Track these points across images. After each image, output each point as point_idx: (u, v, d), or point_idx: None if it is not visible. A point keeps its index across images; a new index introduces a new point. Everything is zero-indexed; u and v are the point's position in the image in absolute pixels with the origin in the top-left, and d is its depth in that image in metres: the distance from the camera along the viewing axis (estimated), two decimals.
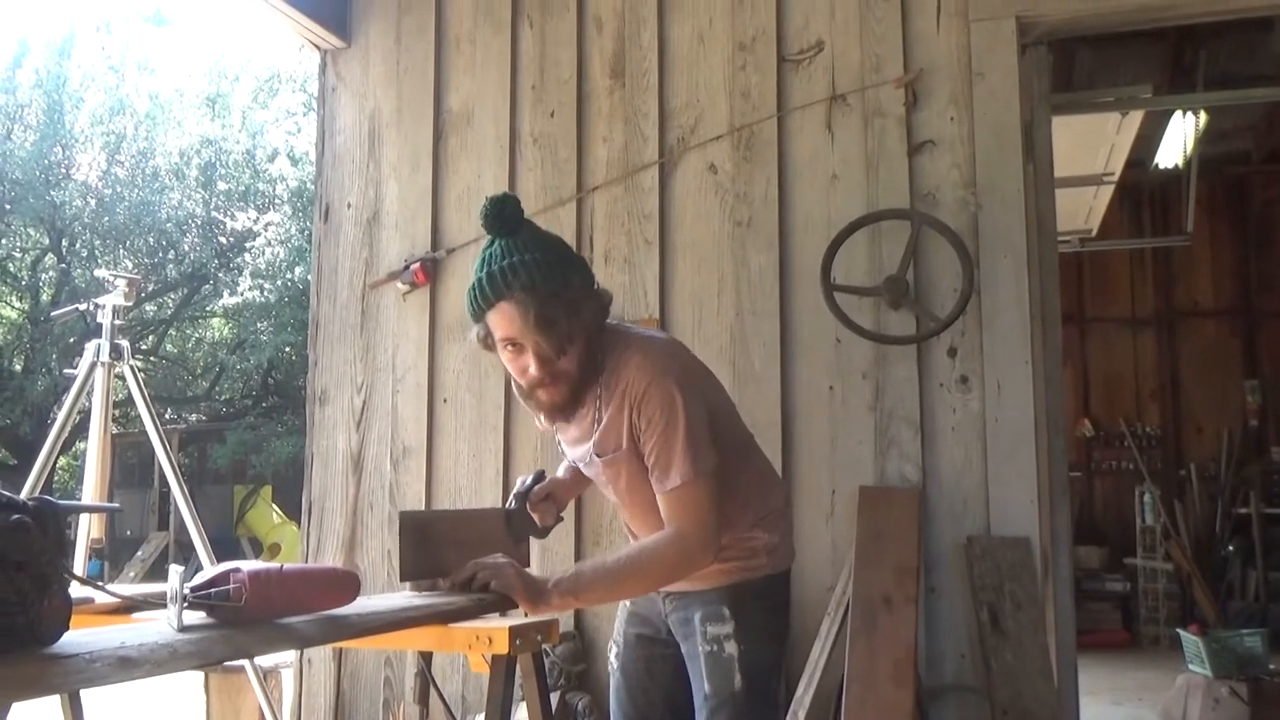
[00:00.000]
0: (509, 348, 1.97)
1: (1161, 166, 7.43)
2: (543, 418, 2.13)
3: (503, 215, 1.94)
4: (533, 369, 1.96)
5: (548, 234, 2.02)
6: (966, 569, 3.37)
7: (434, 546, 1.97)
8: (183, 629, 1.29)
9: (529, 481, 2.23)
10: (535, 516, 2.22)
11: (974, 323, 3.50)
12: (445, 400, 4.08)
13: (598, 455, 2.10)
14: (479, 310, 1.96)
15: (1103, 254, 8.61)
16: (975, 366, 3.49)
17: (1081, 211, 6.72)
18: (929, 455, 3.50)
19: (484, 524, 2.16)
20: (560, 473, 2.39)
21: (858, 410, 3.58)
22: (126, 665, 1.12)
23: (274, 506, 16.75)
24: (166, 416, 19.75)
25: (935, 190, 3.60)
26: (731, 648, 2.11)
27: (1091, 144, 5.40)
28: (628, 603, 2.37)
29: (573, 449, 2.19)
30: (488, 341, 2.00)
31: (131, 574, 14.38)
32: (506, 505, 2.19)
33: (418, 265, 4.11)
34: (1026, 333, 3.45)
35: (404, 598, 1.87)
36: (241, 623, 1.36)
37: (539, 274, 1.89)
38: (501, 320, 1.93)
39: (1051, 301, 3.57)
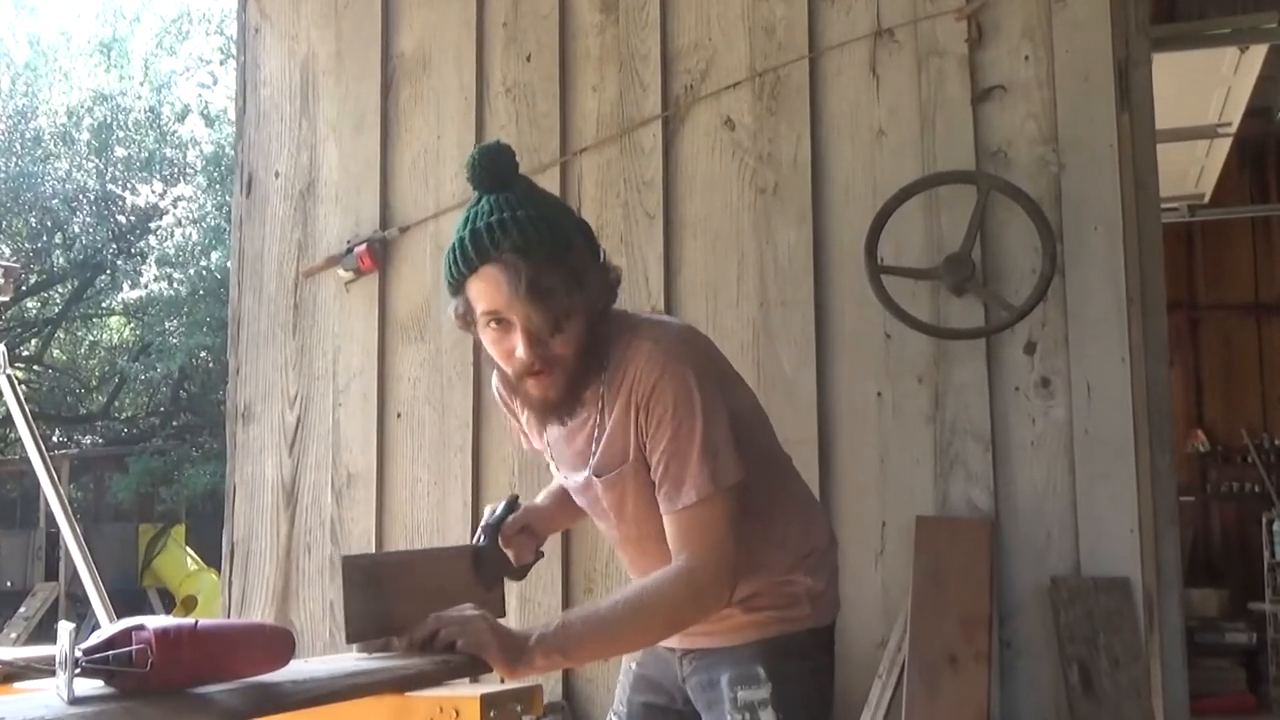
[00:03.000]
0: (493, 324, 1.94)
1: None
2: (532, 422, 2.13)
3: (494, 168, 1.95)
4: (521, 350, 1.92)
5: (547, 192, 2.03)
6: (1051, 618, 3.36)
7: (386, 597, 1.97)
8: (75, 701, 1.29)
9: (500, 511, 2.22)
10: (509, 554, 2.22)
11: (1057, 311, 3.50)
12: (399, 415, 4.09)
13: (597, 476, 2.08)
14: (459, 276, 1.94)
15: (1218, 224, 8.60)
16: (1059, 366, 3.49)
17: (1191, 172, 6.72)
18: (1002, 477, 3.50)
19: (447, 566, 2.16)
20: (540, 499, 2.38)
21: (913, 422, 3.58)
22: None
23: (188, 550, 16.76)
24: (54, 439, 19.78)
25: (1006, 147, 3.60)
26: (769, 717, 2.10)
27: (1203, 88, 5.40)
28: (633, 664, 2.37)
29: (571, 474, 2.18)
30: (467, 319, 1.97)
31: (13, 635, 14.40)
32: (474, 541, 2.19)
33: (363, 248, 4.11)
34: (1123, 323, 3.45)
35: (351, 660, 1.87)
36: (147, 692, 1.36)
37: (534, 232, 1.89)
38: (486, 289, 1.91)
39: (1154, 284, 3.56)
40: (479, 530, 2.21)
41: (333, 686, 1.62)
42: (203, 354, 18.51)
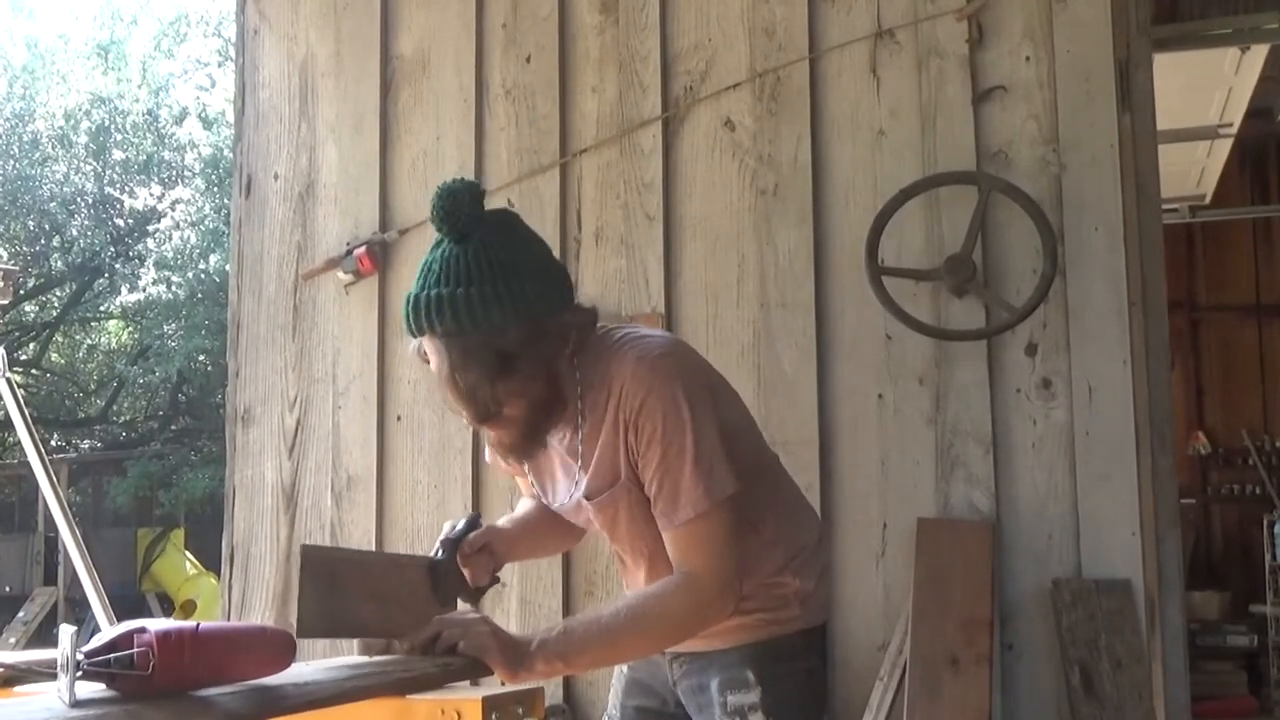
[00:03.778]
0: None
1: None
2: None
3: (453, 215, 1.90)
4: (465, 418, 1.97)
5: (510, 240, 1.96)
6: (1052, 620, 3.37)
7: (343, 594, 1.96)
8: (76, 704, 1.29)
9: (460, 527, 2.19)
10: (466, 573, 2.18)
11: (1058, 313, 3.51)
12: (399, 418, 4.09)
13: (588, 499, 2.08)
14: (411, 332, 1.95)
15: (1219, 225, 8.60)
16: (1060, 367, 3.50)
17: (1192, 173, 6.72)
18: (1004, 479, 3.50)
19: (406, 574, 2.12)
20: (503, 522, 2.34)
21: (914, 424, 3.59)
22: None
23: (187, 554, 16.75)
24: (53, 443, 19.78)
25: (1007, 148, 3.61)
26: None
27: (1204, 88, 5.40)
28: (625, 668, 2.37)
29: (560, 498, 2.18)
30: (426, 359, 1.98)
31: (12, 640, 14.39)
32: (433, 554, 2.16)
33: (363, 250, 4.12)
34: (1124, 324, 3.46)
35: (350, 663, 1.88)
36: (149, 695, 1.36)
37: (468, 318, 1.85)
38: (430, 356, 1.94)
39: (1155, 285, 3.57)
40: (437, 544, 2.17)
41: (334, 689, 1.63)
42: (201, 357, 18.51)
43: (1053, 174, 3.56)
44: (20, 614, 15.47)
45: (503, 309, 1.86)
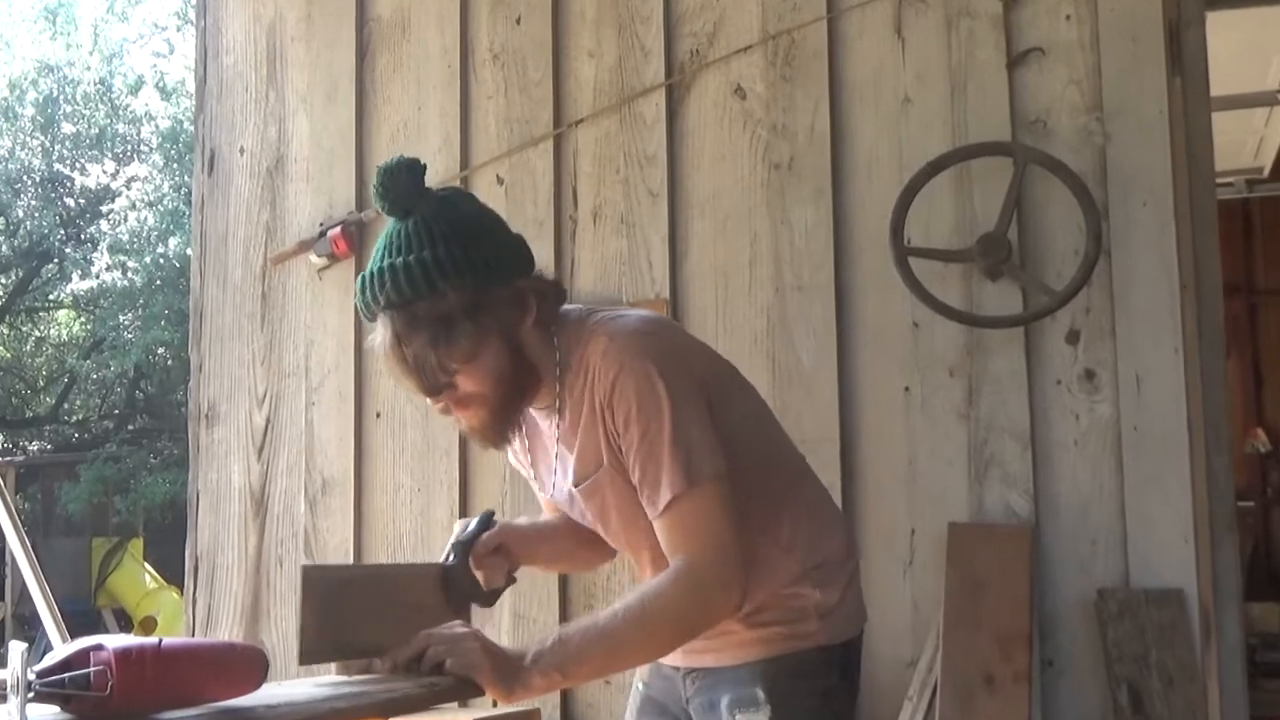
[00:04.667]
0: None
1: None
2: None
3: (392, 192, 2.04)
4: (414, 391, 2.07)
5: (453, 212, 2.07)
6: (1098, 634, 3.37)
7: (348, 615, 1.97)
8: None
9: (473, 527, 2.22)
10: (480, 576, 2.21)
11: (1102, 296, 3.51)
12: (378, 414, 4.09)
13: (575, 486, 2.13)
14: (367, 316, 2.07)
15: (1279, 201, 8.60)
16: (1105, 356, 3.50)
17: (1249, 143, 6.71)
18: (1043, 479, 3.50)
19: (414, 584, 2.15)
20: (523, 520, 2.40)
21: (944, 419, 3.59)
22: None
23: (146, 566, 16.77)
24: None
25: (1046, 116, 3.60)
26: None
27: (1261, 50, 5.40)
28: (640, 684, 2.38)
29: (554, 491, 2.22)
30: None
31: None
32: (443, 559, 2.19)
33: (337, 231, 4.12)
34: (1175, 309, 3.46)
35: (329, 682, 1.88)
36: (108, 718, 1.37)
37: (408, 284, 1.97)
38: (378, 334, 2.04)
39: (1209, 266, 3.57)
40: (448, 548, 2.21)
41: (310, 711, 1.64)
42: (160, 350, 18.52)
43: (1096, 144, 3.56)
44: None
45: (443, 272, 1.97)
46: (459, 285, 1.98)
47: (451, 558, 2.17)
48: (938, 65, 3.70)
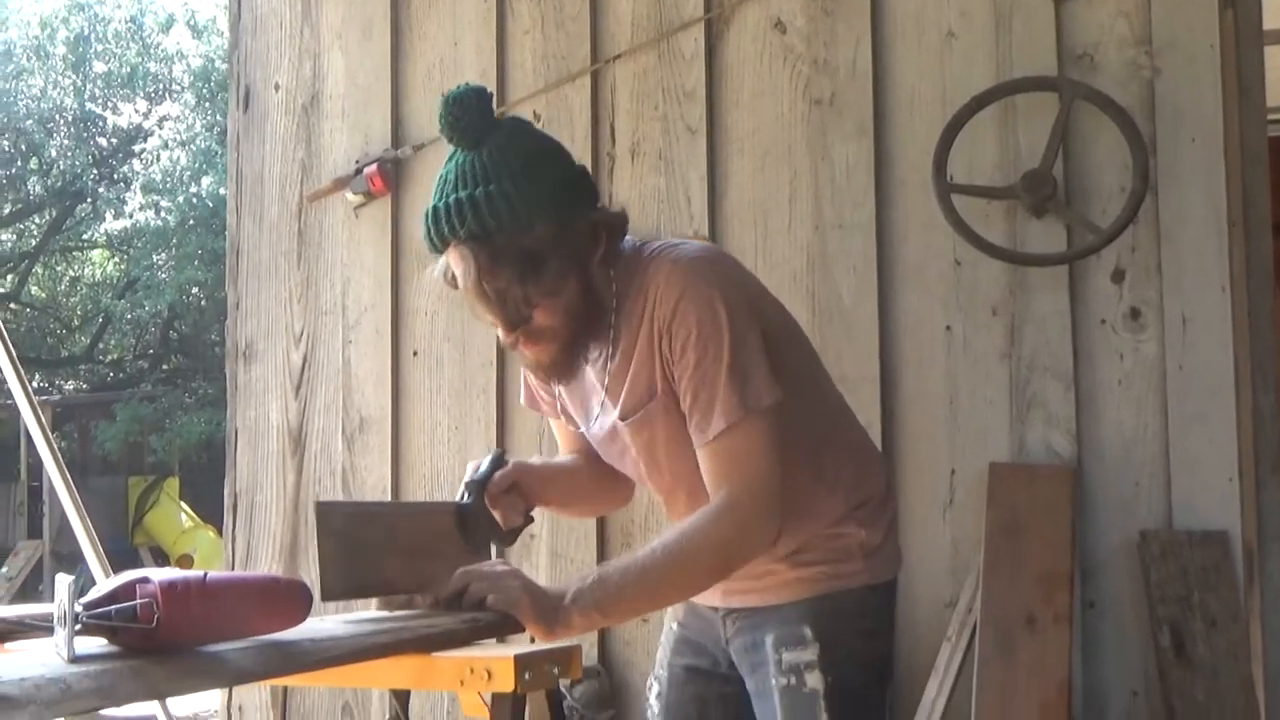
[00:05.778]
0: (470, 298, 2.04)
1: None
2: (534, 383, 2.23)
3: (461, 122, 2.01)
4: (500, 333, 2.05)
5: (526, 142, 2.06)
6: (1140, 575, 3.36)
7: (370, 553, 1.98)
8: (76, 659, 1.31)
9: (486, 466, 2.23)
10: (496, 515, 2.22)
11: (1149, 234, 3.47)
12: (416, 353, 4.10)
13: (623, 419, 2.12)
14: (433, 247, 2.04)
15: None
16: (1151, 295, 3.47)
17: None
18: (1086, 420, 3.48)
19: (432, 523, 2.16)
20: (536, 459, 2.41)
21: (986, 359, 3.57)
22: (5, 707, 1.14)
23: (183, 505, 16.98)
24: (35, 384, 19.99)
25: (1093, 50, 3.55)
26: (815, 680, 2.13)
27: None
28: (674, 624, 2.40)
29: (593, 424, 2.22)
30: (453, 282, 2.06)
31: None
32: (458, 498, 2.20)
33: (373, 168, 4.11)
34: (1223, 247, 3.42)
35: (371, 618, 1.89)
36: (154, 650, 1.38)
37: (491, 216, 1.95)
38: (456, 266, 2.01)
39: (1258, 203, 3.53)
40: (463, 487, 2.21)
41: (354, 646, 1.64)
42: (194, 290, 18.64)
43: (1144, 79, 3.51)
44: (3, 569, 15.73)
45: (528, 205, 1.96)
46: (544, 218, 1.97)
47: (466, 497, 2.18)
48: None
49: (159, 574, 1.41)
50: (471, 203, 1.95)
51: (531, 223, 1.96)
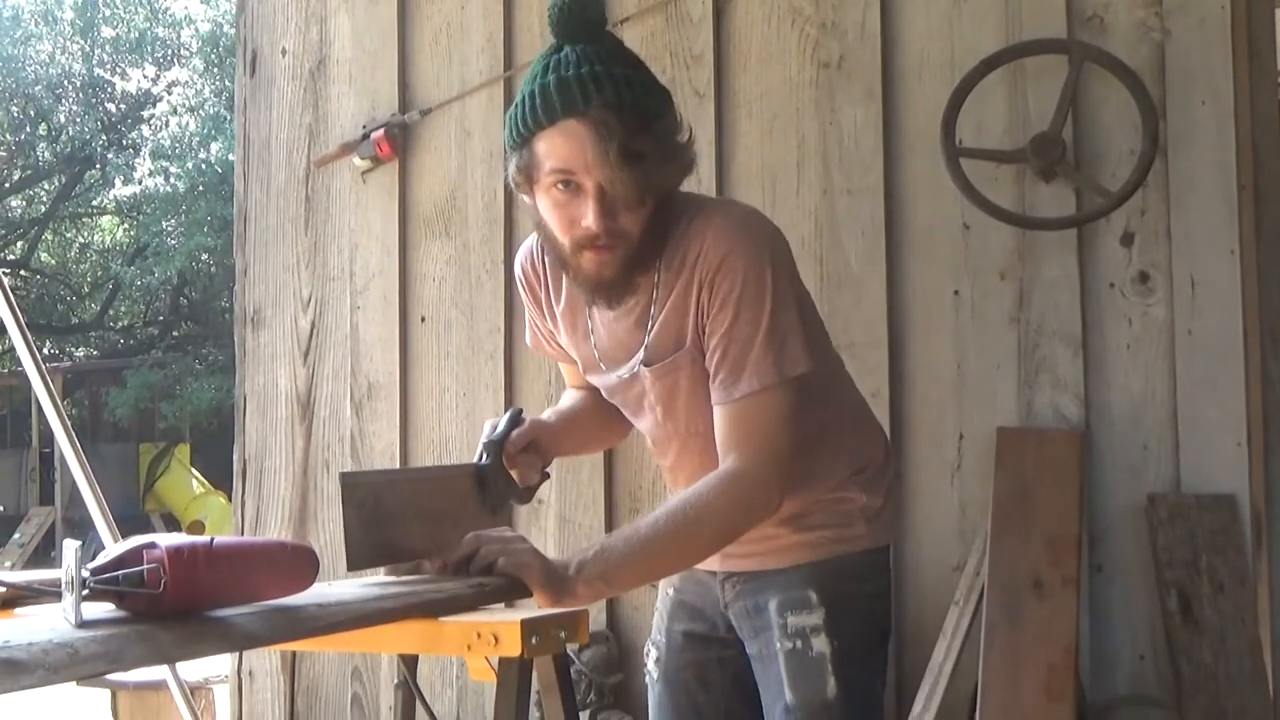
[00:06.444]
0: (560, 186, 1.95)
1: None
2: (566, 312, 2.18)
3: (585, 16, 1.95)
4: (590, 219, 1.94)
5: (635, 54, 2.03)
6: (1147, 539, 3.36)
7: (390, 519, 1.99)
8: (83, 624, 1.31)
9: (503, 426, 2.22)
10: (514, 474, 2.22)
11: (1158, 198, 3.46)
12: (423, 319, 4.11)
13: (647, 365, 2.11)
14: (531, 128, 1.95)
15: None
16: (1160, 259, 3.46)
17: None
18: (1094, 384, 3.48)
19: (451, 486, 2.16)
20: (547, 414, 2.39)
21: (994, 323, 3.57)
22: (13, 671, 1.15)
23: (193, 471, 17.03)
24: (45, 351, 20.05)
25: (1103, 11, 3.53)
26: (822, 644, 2.14)
27: None
28: (671, 590, 2.40)
29: (613, 368, 2.20)
30: (529, 176, 1.98)
31: (8, 563, 14.74)
32: (476, 459, 2.19)
33: (381, 133, 4.11)
34: (1233, 210, 3.41)
35: (378, 582, 1.90)
36: (161, 615, 1.38)
37: (629, 92, 1.91)
38: (564, 146, 1.92)
39: (1269, 166, 3.51)
40: (480, 447, 2.20)
41: (361, 610, 1.65)
42: (204, 256, 18.65)
43: (1154, 41, 3.49)
44: (15, 536, 15.82)
45: (659, 100, 1.97)
46: (669, 117, 1.98)
47: (485, 458, 2.18)
48: None
49: (165, 539, 1.41)
50: (611, 77, 1.90)
51: (662, 112, 1.96)
